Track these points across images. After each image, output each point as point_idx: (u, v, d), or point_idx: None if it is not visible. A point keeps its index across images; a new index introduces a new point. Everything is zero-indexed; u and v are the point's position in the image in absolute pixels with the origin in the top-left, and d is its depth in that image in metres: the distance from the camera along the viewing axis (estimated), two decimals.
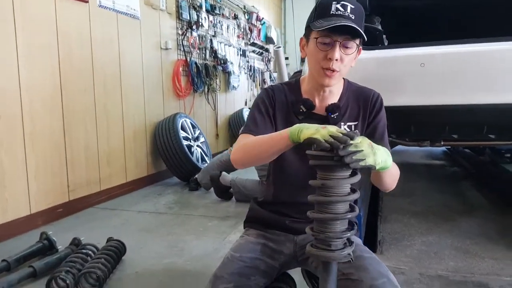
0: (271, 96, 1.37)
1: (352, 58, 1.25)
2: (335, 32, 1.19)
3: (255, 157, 1.23)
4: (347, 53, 1.22)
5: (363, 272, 1.15)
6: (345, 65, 1.24)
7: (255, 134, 1.27)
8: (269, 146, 1.16)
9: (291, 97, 1.37)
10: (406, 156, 5.67)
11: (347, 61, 1.24)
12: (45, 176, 2.98)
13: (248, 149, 1.24)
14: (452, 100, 2.14)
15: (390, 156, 1.06)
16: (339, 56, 1.21)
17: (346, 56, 1.22)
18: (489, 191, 3.64)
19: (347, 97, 1.36)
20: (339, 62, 1.22)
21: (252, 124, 1.32)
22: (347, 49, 1.22)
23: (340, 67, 1.23)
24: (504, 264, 2.15)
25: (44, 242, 2.34)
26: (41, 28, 2.93)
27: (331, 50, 1.21)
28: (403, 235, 2.62)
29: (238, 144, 1.29)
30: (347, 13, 1.19)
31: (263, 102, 1.36)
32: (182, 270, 2.20)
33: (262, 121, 1.33)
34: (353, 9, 1.20)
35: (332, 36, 1.20)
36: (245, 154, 1.25)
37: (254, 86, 7.51)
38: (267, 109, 1.35)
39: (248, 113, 1.41)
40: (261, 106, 1.36)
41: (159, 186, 4.25)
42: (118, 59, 3.76)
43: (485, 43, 2.15)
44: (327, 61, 1.22)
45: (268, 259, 1.31)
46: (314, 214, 1.02)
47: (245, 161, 1.26)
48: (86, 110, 3.38)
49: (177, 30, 4.76)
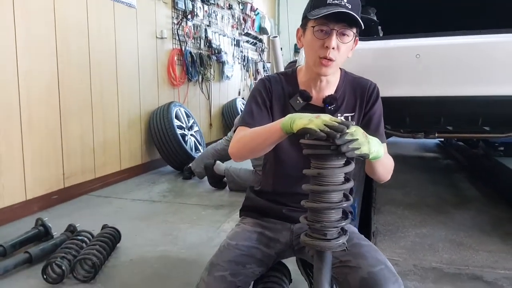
0: (268, 87, 1.37)
1: (349, 47, 1.26)
2: (331, 20, 1.19)
3: (251, 150, 1.24)
4: (343, 41, 1.22)
5: (361, 259, 1.16)
6: (342, 54, 1.24)
7: (252, 127, 1.27)
8: (263, 138, 1.16)
9: (288, 88, 1.37)
10: (399, 148, 5.70)
11: (344, 50, 1.24)
12: (41, 163, 2.97)
13: (244, 143, 1.25)
14: (447, 91, 2.15)
15: (382, 147, 1.08)
16: (335, 45, 1.21)
17: (343, 45, 1.23)
18: (482, 184, 3.68)
19: (344, 88, 1.36)
20: (336, 50, 1.22)
21: (248, 116, 1.32)
22: (344, 37, 1.22)
23: (336, 56, 1.23)
24: (499, 257, 2.17)
25: (39, 228, 2.34)
26: (39, 17, 2.90)
27: (328, 38, 1.21)
28: (397, 226, 2.64)
29: (235, 138, 1.29)
30: (343, 2, 1.19)
31: (260, 93, 1.36)
32: (177, 258, 2.21)
33: (259, 113, 1.33)
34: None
35: (329, 24, 1.20)
36: (242, 148, 1.26)
37: (247, 76, 7.49)
38: (264, 101, 1.35)
39: (245, 104, 1.41)
40: (258, 97, 1.36)
41: (153, 175, 4.25)
42: (114, 47, 3.73)
43: (480, 35, 2.16)
44: (324, 50, 1.22)
45: (264, 248, 1.32)
46: (309, 204, 1.02)
47: (243, 154, 1.27)
48: (82, 98, 3.36)
49: (173, 19, 4.73)
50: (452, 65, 2.14)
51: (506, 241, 2.37)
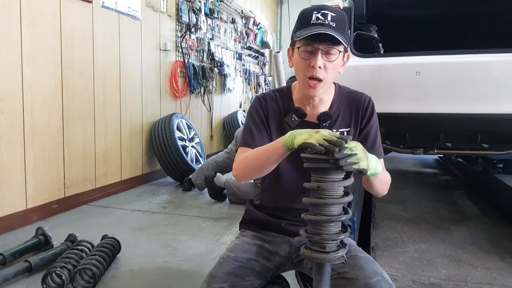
0: (264, 105, 1.39)
1: (336, 65, 1.26)
2: (315, 40, 1.21)
3: (255, 170, 1.25)
4: (330, 60, 1.23)
5: (358, 271, 1.17)
6: (330, 73, 1.25)
7: (253, 147, 1.29)
8: (266, 157, 1.18)
9: (283, 105, 1.39)
10: (399, 163, 5.72)
11: (331, 68, 1.25)
12: (42, 172, 2.99)
13: (247, 164, 1.26)
14: (446, 108, 2.18)
15: (379, 164, 1.10)
16: (322, 64, 1.22)
17: (330, 64, 1.24)
18: (481, 200, 3.69)
19: (339, 104, 1.37)
20: (322, 70, 1.23)
21: (249, 137, 1.34)
22: (330, 56, 1.23)
23: (324, 75, 1.24)
24: (497, 273, 2.18)
25: (39, 238, 2.35)
26: (46, 26, 2.95)
27: (313, 58, 1.23)
28: (396, 242, 2.64)
29: (237, 159, 1.31)
30: (327, 21, 1.20)
31: (257, 112, 1.38)
32: (177, 270, 2.22)
33: (258, 133, 1.34)
34: (334, 17, 1.22)
35: (313, 45, 1.22)
36: (246, 169, 1.27)
37: (249, 89, 7.55)
38: (262, 119, 1.37)
39: (244, 124, 1.42)
40: (256, 117, 1.37)
41: (153, 186, 4.26)
42: (118, 58, 3.78)
43: (480, 54, 2.19)
44: (311, 69, 1.23)
45: (264, 260, 1.33)
46: (309, 216, 1.04)
47: (247, 175, 1.29)
48: (85, 108, 3.39)
49: (176, 32, 4.79)
50: (451, 83, 2.17)
51: (504, 258, 2.37)
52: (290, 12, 8.90)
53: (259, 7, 8.21)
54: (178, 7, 4.74)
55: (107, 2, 3.54)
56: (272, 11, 9.43)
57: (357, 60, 2.32)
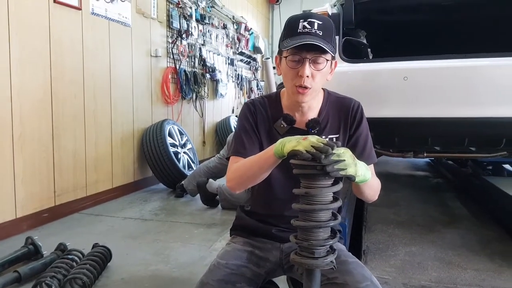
0: (253, 111, 1.39)
1: (324, 73, 1.27)
2: (302, 50, 1.22)
3: (248, 180, 1.26)
4: (317, 68, 1.24)
5: (348, 276, 1.18)
6: (318, 81, 1.26)
7: (244, 156, 1.30)
8: (258, 166, 1.20)
9: (272, 111, 1.39)
10: (390, 167, 5.75)
11: (319, 77, 1.26)
12: (32, 181, 2.97)
13: (241, 174, 1.27)
14: (433, 113, 2.20)
15: (369, 170, 1.11)
16: (309, 73, 1.23)
17: (317, 72, 1.25)
18: (472, 203, 3.72)
19: (328, 110, 1.38)
20: (310, 78, 1.24)
21: (239, 145, 1.35)
22: (318, 65, 1.24)
23: (312, 83, 1.25)
24: (486, 275, 2.20)
25: (29, 247, 2.33)
26: (34, 33, 2.94)
27: (301, 67, 1.23)
28: (387, 245, 2.65)
29: (230, 170, 1.32)
30: (313, 30, 1.21)
31: (246, 119, 1.38)
32: (168, 277, 2.21)
33: (249, 140, 1.35)
34: (320, 25, 1.22)
35: (301, 54, 1.22)
36: (239, 179, 1.28)
37: (241, 94, 7.56)
38: (251, 126, 1.37)
39: (234, 132, 1.43)
40: (246, 124, 1.38)
41: (145, 193, 4.24)
42: (109, 65, 3.77)
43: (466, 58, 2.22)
44: (299, 78, 1.24)
45: (254, 267, 1.34)
46: (297, 222, 1.05)
47: (241, 185, 1.29)
48: (75, 115, 3.38)
49: (167, 38, 4.80)
50: (438, 87, 2.20)
51: (493, 260, 2.40)
52: (282, 17, 8.96)
53: (250, 13, 8.24)
54: (169, 13, 4.75)
55: (96, 9, 3.54)
56: (264, 16, 9.47)
57: (346, 65, 2.34)
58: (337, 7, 2.55)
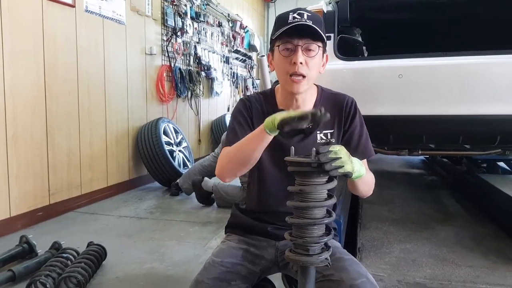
0: (248, 106, 1.40)
1: (317, 62, 1.28)
2: (294, 37, 1.23)
3: (239, 163, 1.24)
4: (310, 55, 1.26)
5: (343, 273, 1.18)
6: (311, 69, 1.27)
7: None
8: (249, 146, 1.19)
9: (267, 107, 1.39)
10: (385, 165, 5.77)
11: (312, 65, 1.27)
12: (26, 179, 2.95)
13: (230, 158, 1.26)
14: (428, 110, 2.21)
15: (363, 166, 1.12)
16: (303, 60, 1.24)
17: (310, 60, 1.26)
18: (466, 200, 3.74)
19: (322, 105, 1.37)
20: (304, 66, 1.25)
21: (233, 136, 1.34)
22: (310, 52, 1.25)
23: (306, 71, 1.26)
24: (480, 271, 2.21)
25: (23, 246, 2.32)
26: (28, 31, 2.92)
27: (294, 54, 1.24)
28: (382, 242, 2.66)
29: (220, 158, 1.31)
30: (303, 19, 1.23)
31: (241, 113, 1.39)
32: (163, 276, 2.21)
33: (242, 131, 1.34)
34: (310, 16, 1.25)
35: (293, 41, 1.24)
36: (229, 163, 1.27)
37: (236, 92, 7.56)
38: (246, 119, 1.37)
39: (228, 126, 1.43)
40: (240, 117, 1.38)
41: (140, 191, 4.23)
42: (103, 63, 3.76)
43: (459, 56, 2.23)
44: (293, 66, 1.25)
45: (249, 265, 1.33)
46: (292, 219, 1.05)
47: (230, 170, 1.28)
48: (70, 113, 3.36)
49: (162, 36, 4.78)
50: (433, 85, 2.20)
51: (487, 256, 2.41)
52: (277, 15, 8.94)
53: (245, 11, 8.23)
54: (164, 11, 4.73)
55: (90, 7, 3.52)
56: (259, 14, 9.46)
57: (341, 63, 2.34)
58: (332, 5, 2.55)
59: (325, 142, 1.35)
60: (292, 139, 1.33)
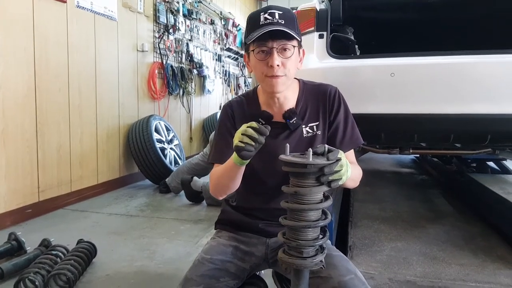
0: (230, 114, 1.39)
1: (294, 60, 1.27)
2: (268, 40, 1.22)
3: (225, 188, 1.29)
4: (286, 56, 1.24)
5: (332, 269, 1.18)
6: (289, 68, 1.26)
7: (221, 162, 1.29)
8: (227, 176, 1.24)
9: (250, 110, 1.39)
10: (376, 163, 5.79)
11: (290, 64, 1.26)
12: (15, 176, 2.92)
13: (216, 183, 1.31)
14: (419, 109, 2.21)
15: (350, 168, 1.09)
16: (279, 62, 1.23)
17: (287, 60, 1.24)
18: (456, 199, 3.77)
19: (305, 98, 1.37)
20: (281, 67, 1.24)
21: (218, 152, 1.35)
22: (286, 52, 1.24)
23: (284, 71, 1.25)
24: (470, 270, 2.23)
25: (12, 243, 2.30)
26: (18, 26, 2.89)
27: (270, 57, 1.23)
28: (373, 240, 2.67)
29: (210, 178, 1.35)
30: (275, 20, 1.22)
31: (224, 125, 1.39)
32: (154, 273, 2.19)
33: (226, 146, 1.32)
34: (282, 15, 1.23)
35: (267, 44, 1.22)
36: (217, 187, 1.31)
37: (228, 90, 7.55)
38: (229, 131, 1.36)
39: (214, 138, 1.43)
40: (224, 130, 1.38)
41: (131, 189, 4.21)
42: (94, 59, 3.72)
43: (452, 55, 2.24)
44: (270, 69, 1.24)
45: (239, 262, 1.33)
46: (286, 221, 1.01)
47: (219, 192, 1.32)
48: (60, 110, 3.33)
49: (154, 33, 4.75)
50: (425, 84, 2.21)
51: (477, 255, 2.43)
52: None
53: (238, 9, 8.22)
54: (156, 8, 4.71)
55: (82, 2, 3.48)
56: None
57: (333, 61, 2.33)
58: (325, 3, 2.54)
59: (312, 136, 1.34)
60: (279, 136, 1.33)
